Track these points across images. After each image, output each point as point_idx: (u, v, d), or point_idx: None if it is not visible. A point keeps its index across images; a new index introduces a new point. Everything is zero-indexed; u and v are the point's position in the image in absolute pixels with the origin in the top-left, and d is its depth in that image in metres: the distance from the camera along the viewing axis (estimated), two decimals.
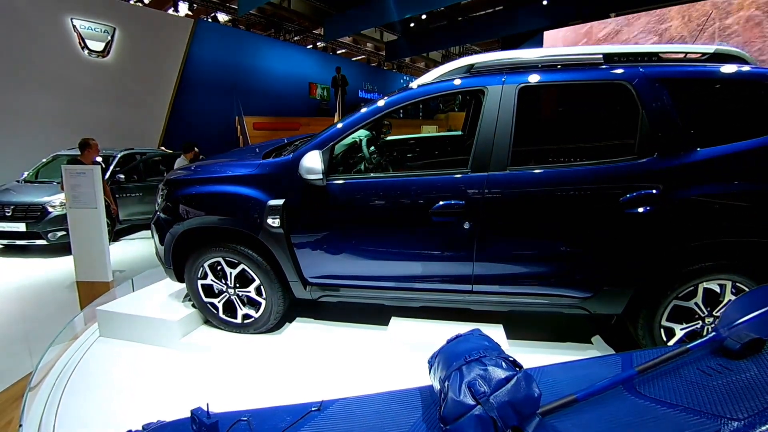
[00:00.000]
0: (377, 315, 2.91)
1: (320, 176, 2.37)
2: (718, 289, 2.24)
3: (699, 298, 2.24)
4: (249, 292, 2.80)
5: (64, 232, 6.26)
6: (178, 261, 2.88)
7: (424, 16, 16.68)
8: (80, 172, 3.97)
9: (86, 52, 10.71)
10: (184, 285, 2.96)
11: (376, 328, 2.89)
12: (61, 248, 6.34)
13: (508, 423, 1.25)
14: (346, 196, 2.49)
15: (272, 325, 2.87)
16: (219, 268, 2.82)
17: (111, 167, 7.25)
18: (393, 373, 2.28)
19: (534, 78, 2.38)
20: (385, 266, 2.58)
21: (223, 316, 2.90)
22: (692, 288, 2.23)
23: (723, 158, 2.12)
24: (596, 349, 2.64)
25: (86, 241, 4.06)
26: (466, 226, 2.34)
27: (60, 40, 10.22)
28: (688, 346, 1.54)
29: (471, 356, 1.42)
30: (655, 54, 2.42)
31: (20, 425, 2.03)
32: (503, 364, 1.36)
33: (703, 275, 2.20)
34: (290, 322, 3.06)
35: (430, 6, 13.19)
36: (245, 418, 1.49)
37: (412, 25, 17.97)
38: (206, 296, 2.88)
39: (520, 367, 1.37)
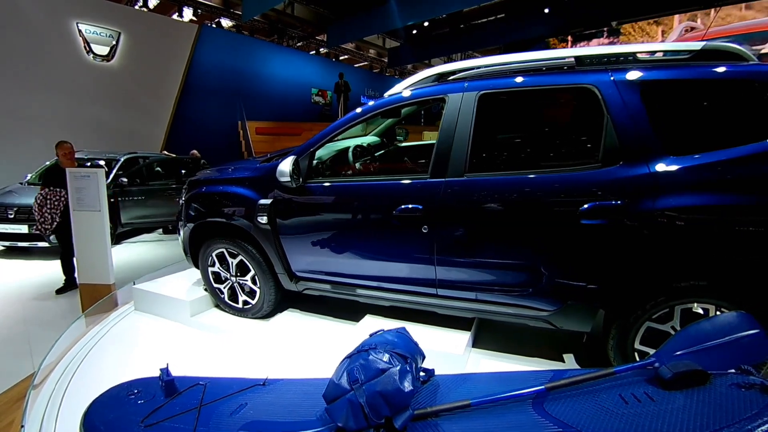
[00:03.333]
0: (360, 312, 3.02)
1: (289, 179, 2.58)
2: (702, 313, 2.00)
3: (676, 322, 2.02)
4: (246, 280, 3.09)
5: None
6: (195, 250, 3.25)
7: (426, 23, 16.78)
8: (84, 175, 4.00)
9: (91, 56, 10.79)
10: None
11: (353, 324, 2.98)
12: None
13: (379, 411, 1.34)
14: (318, 198, 2.69)
15: (266, 312, 3.15)
16: (224, 257, 3.13)
17: (114, 171, 7.30)
18: None
19: (495, 85, 2.35)
20: (354, 265, 2.69)
21: (228, 301, 3.23)
22: (667, 310, 2.01)
23: (699, 168, 1.89)
24: (567, 366, 2.54)
25: (89, 244, 4.07)
26: (425, 230, 2.36)
27: (65, 44, 10.31)
28: (614, 369, 1.46)
29: (364, 347, 1.53)
30: (632, 54, 2.23)
31: (22, 426, 2.04)
32: (386, 357, 1.44)
33: (677, 297, 1.99)
34: (283, 311, 3.31)
35: (433, 13, 13.25)
36: (203, 383, 1.81)
37: (414, 32, 18.07)
38: (215, 282, 3.23)
39: (412, 366, 1.46)
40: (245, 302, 3.18)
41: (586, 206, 2.01)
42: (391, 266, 2.58)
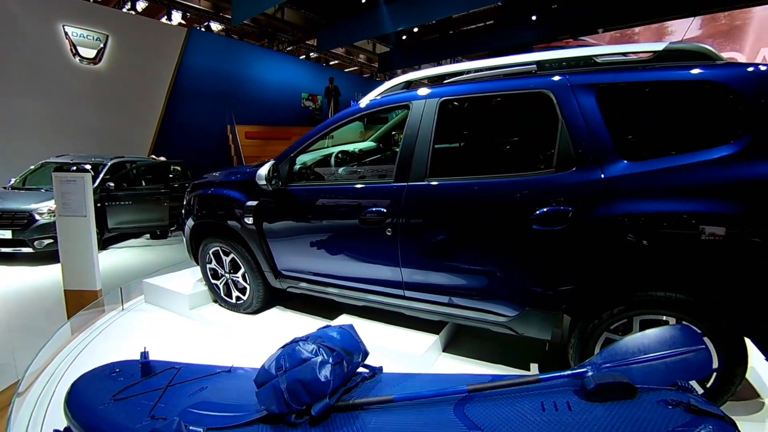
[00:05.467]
0: (339, 312, 3.11)
1: (265, 182, 2.74)
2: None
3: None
4: (238, 278, 3.25)
5: (51, 240, 6.18)
6: (196, 248, 3.45)
7: (416, 29, 16.89)
8: (70, 179, 3.94)
9: (78, 59, 10.66)
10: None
11: (329, 322, 3.00)
12: (48, 256, 6.25)
13: (299, 398, 1.44)
14: (296, 201, 2.81)
15: (256, 307, 3.30)
16: (219, 255, 3.32)
17: (101, 175, 7.21)
18: None
19: (456, 91, 2.39)
20: (326, 265, 2.79)
21: (224, 296, 3.42)
22: (626, 321, 1.92)
23: (652, 174, 1.81)
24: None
25: (75, 249, 4.01)
26: (389, 232, 2.40)
27: (51, 47, 10.17)
28: (540, 375, 1.44)
29: (299, 339, 1.61)
30: (590, 58, 2.17)
31: None
32: (311, 348, 1.53)
33: (635, 308, 1.89)
34: (271, 309, 3.45)
35: (422, 19, 13.36)
36: (177, 367, 1.98)
37: (404, 37, 18.18)
38: (212, 278, 3.43)
39: (339, 359, 1.54)
40: (238, 298, 3.34)
41: (538, 212, 1.98)
42: (360, 267, 2.64)
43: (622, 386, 1.26)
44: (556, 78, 2.09)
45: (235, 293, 3.34)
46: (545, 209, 1.97)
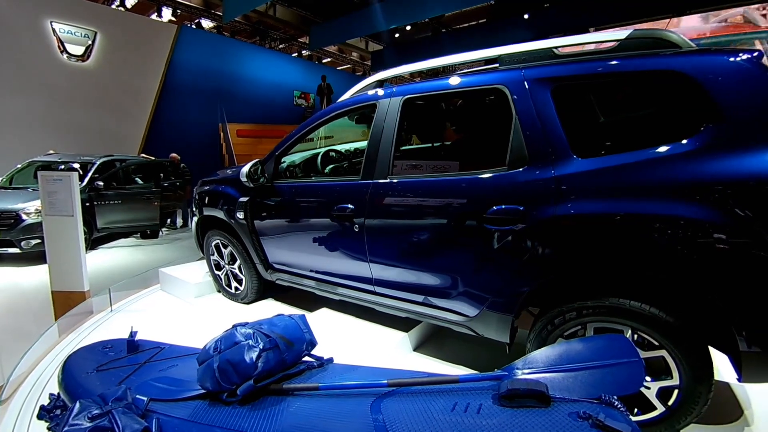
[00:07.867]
0: (322, 306, 3.20)
1: (246, 179, 2.90)
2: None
3: None
4: (235, 269, 3.45)
5: (38, 240, 6.07)
6: (202, 240, 3.72)
7: (408, 28, 16.84)
8: (57, 178, 3.87)
9: (65, 56, 10.49)
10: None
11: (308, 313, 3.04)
12: (36, 257, 6.15)
13: (229, 378, 1.55)
14: (278, 197, 2.95)
15: (251, 298, 3.48)
16: (220, 248, 3.54)
17: (89, 174, 7.10)
18: None
19: (418, 89, 2.43)
20: (305, 258, 2.91)
21: (225, 286, 3.65)
22: (579, 327, 1.81)
23: (604, 171, 1.68)
24: None
25: (62, 250, 3.93)
26: (356, 228, 2.46)
27: (38, 44, 10.00)
28: (459, 376, 1.42)
29: (238, 324, 1.73)
30: (551, 50, 2.04)
31: None
32: (245, 332, 1.64)
33: (586, 315, 1.77)
34: (265, 300, 3.60)
35: (415, 17, 13.32)
36: (162, 347, 2.17)
37: (396, 35, 18.13)
38: (216, 270, 3.67)
39: (275, 346, 1.64)
40: (236, 288, 3.55)
41: (489, 211, 1.93)
42: (334, 262, 2.71)
43: (536, 394, 1.22)
44: (511, 72, 2.02)
45: (233, 284, 3.54)
46: (495, 208, 1.92)
